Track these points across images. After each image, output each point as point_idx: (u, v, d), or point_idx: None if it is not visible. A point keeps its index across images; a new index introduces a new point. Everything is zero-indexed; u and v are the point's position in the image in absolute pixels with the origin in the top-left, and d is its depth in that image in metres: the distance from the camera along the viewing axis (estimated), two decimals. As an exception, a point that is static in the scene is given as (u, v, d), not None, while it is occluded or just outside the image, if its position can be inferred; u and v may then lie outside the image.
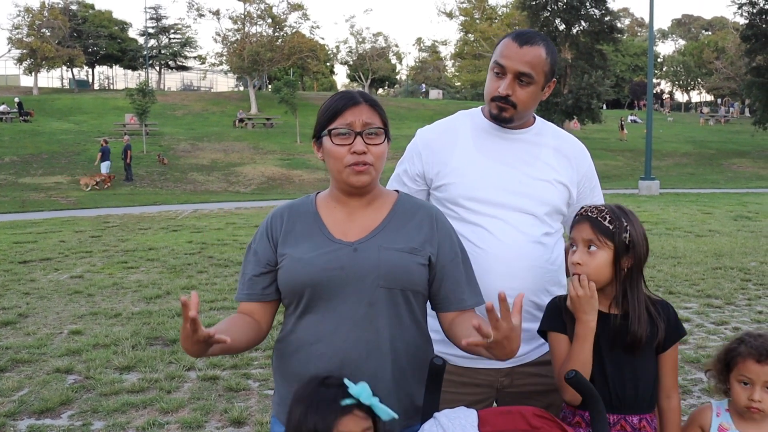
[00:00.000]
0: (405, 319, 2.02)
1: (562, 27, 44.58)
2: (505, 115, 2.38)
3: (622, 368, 2.12)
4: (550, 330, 2.21)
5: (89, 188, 26.46)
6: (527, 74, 2.32)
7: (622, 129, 46.81)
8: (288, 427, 1.80)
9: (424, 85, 75.69)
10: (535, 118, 2.54)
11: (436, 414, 1.84)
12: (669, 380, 2.20)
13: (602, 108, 44.61)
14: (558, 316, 2.18)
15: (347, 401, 1.73)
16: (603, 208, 2.16)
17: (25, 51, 55.58)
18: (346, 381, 1.77)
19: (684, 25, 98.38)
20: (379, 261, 1.98)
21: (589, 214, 2.15)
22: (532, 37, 2.35)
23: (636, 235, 2.12)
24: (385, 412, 1.74)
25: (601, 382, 2.11)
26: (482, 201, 2.38)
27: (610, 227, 2.11)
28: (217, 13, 54.87)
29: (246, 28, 53.68)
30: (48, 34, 56.90)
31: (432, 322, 2.19)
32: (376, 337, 1.98)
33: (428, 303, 2.13)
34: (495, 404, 2.48)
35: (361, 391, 1.74)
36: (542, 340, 2.40)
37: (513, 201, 2.38)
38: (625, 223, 2.12)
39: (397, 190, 2.22)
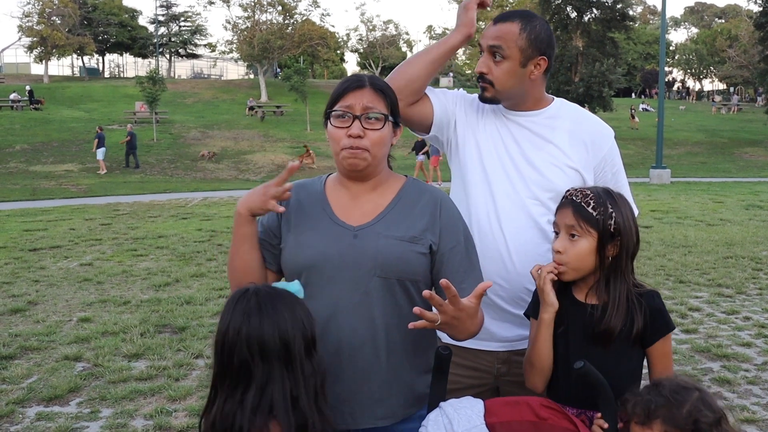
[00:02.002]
0: (403, 309, 1.98)
1: (573, 15, 44.32)
2: (486, 95, 2.38)
3: (588, 361, 1.96)
4: (528, 315, 2.18)
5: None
6: (496, 47, 2.31)
7: (633, 117, 46.54)
8: (230, 332, 1.73)
9: (452, 74, 74.65)
10: (553, 99, 2.50)
11: (441, 403, 1.81)
12: (658, 373, 2.04)
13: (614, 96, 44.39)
14: (537, 302, 2.11)
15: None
16: (588, 192, 2.03)
17: (35, 39, 55.65)
18: (281, 284, 1.83)
19: (697, 13, 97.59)
20: (377, 250, 1.96)
21: (573, 198, 2.03)
22: (509, 15, 2.36)
23: (623, 222, 2.00)
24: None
25: (564, 374, 2.02)
26: (487, 182, 2.38)
27: (594, 213, 1.99)
28: (227, 1, 54.70)
29: (256, 16, 53.55)
30: (58, 21, 56.92)
31: None
32: (371, 326, 1.96)
33: None
34: (498, 393, 2.46)
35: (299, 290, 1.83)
36: None
37: (517, 185, 2.35)
38: (611, 210, 1.99)
39: (406, 175, 2.19)
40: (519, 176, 2.36)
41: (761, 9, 43.32)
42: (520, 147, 2.39)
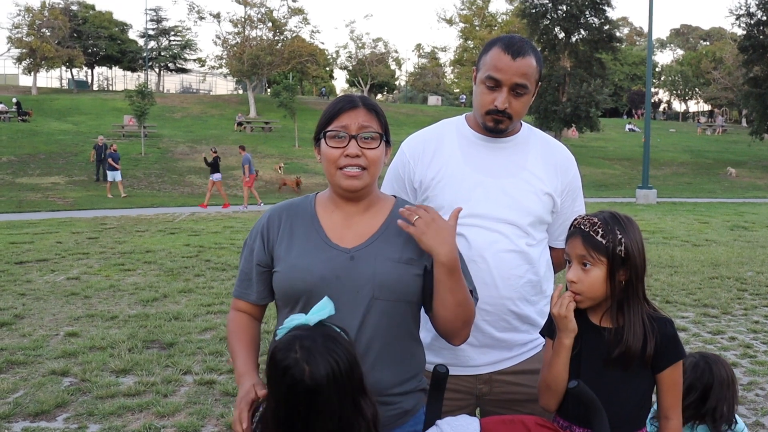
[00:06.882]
0: (401, 330, 2.00)
1: (561, 35, 44.68)
2: (501, 127, 2.39)
3: (600, 384, 2.00)
4: (544, 334, 2.19)
5: None
6: (523, 86, 2.33)
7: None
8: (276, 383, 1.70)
9: (464, 96, 73.26)
10: (521, 124, 2.53)
11: (438, 422, 1.83)
12: (667, 401, 2.06)
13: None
14: (553, 321, 2.11)
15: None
16: (596, 220, 2.03)
17: (24, 50, 55.49)
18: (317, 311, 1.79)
19: (682, 35, 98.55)
20: (375, 272, 1.96)
21: (582, 227, 2.03)
22: (522, 48, 2.33)
23: (631, 246, 2.00)
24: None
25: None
26: (465, 212, 2.34)
27: (603, 242, 1.99)
28: (217, 16, 54.71)
29: (246, 32, 53.61)
30: (48, 33, 56.77)
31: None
32: (369, 347, 1.95)
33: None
34: (478, 412, 2.47)
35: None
36: (521, 350, 2.43)
37: (496, 212, 2.38)
38: (620, 235, 1.99)
39: (394, 195, 2.21)
40: (495, 203, 2.38)
41: (745, 32, 43.86)
42: (495, 175, 2.41)
